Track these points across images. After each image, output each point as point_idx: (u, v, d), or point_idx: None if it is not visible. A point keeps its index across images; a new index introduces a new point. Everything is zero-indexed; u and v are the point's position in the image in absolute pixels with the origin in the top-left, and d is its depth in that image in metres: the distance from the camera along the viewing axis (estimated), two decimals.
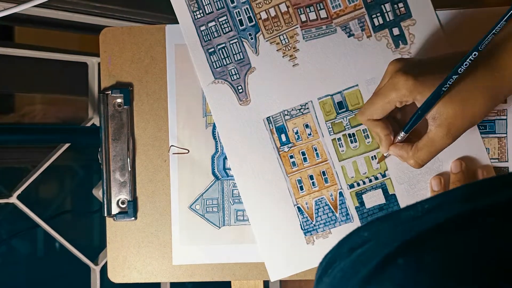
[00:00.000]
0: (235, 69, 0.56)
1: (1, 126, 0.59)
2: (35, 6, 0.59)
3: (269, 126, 0.56)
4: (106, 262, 0.80)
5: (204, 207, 0.57)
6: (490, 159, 0.54)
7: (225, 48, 0.56)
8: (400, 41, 0.55)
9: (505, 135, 0.54)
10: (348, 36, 0.55)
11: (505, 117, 0.54)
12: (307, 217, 0.56)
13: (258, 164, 0.56)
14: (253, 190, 0.56)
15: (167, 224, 0.57)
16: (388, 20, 0.55)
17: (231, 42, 0.56)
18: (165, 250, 0.57)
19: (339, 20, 0.55)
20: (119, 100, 0.57)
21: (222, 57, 0.56)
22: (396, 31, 0.55)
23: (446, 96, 0.43)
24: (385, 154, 0.54)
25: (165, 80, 0.58)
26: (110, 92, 0.57)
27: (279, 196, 0.56)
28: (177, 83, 0.57)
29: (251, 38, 0.56)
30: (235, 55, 0.56)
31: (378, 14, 0.55)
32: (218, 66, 0.56)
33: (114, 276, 0.58)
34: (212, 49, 0.56)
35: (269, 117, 0.56)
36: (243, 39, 0.56)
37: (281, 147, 0.56)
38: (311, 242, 0.56)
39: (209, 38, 0.56)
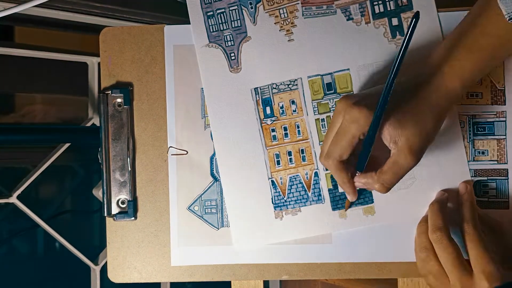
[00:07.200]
0: (230, 35, 0.56)
1: (1, 126, 0.59)
2: (35, 6, 0.59)
3: (256, 97, 0.56)
4: (106, 262, 0.80)
5: (203, 208, 0.57)
6: (489, 161, 0.54)
7: (224, 13, 0.56)
8: (397, 32, 0.55)
9: (504, 136, 0.54)
10: (347, 20, 0.55)
11: (504, 119, 0.54)
12: (279, 192, 0.56)
13: (239, 132, 0.56)
14: (230, 157, 0.56)
15: (167, 224, 0.57)
16: (389, 9, 0.55)
17: (231, 8, 0.56)
18: (165, 250, 0.57)
19: (340, 2, 0.55)
20: (119, 100, 0.57)
21: (220, 22, 0.56)
22: (395, 21, 0.55)
23: (402, 119, 0.46)
24: (351, 200, 0.53)
25: (165, 80, 0.58)
26: (110, 92, 0.57)
27: (255, 167, 0.56)
28: (176, 85, 0.57)
29: (251, 8, 0.56)
30: (232, 22, 0.56)
31: (380, 2, 0.55)
32: (214, 30, 0.57)
33: (114, 276, 0.58)
34: (211, 13, 0.57)
35: (257, 88, 0.56)
36: (243, 7, 0.56)
37: (264, 119, 0.56)
38: (279, 217, 0.56)
39: (209, 1, 0.57)
